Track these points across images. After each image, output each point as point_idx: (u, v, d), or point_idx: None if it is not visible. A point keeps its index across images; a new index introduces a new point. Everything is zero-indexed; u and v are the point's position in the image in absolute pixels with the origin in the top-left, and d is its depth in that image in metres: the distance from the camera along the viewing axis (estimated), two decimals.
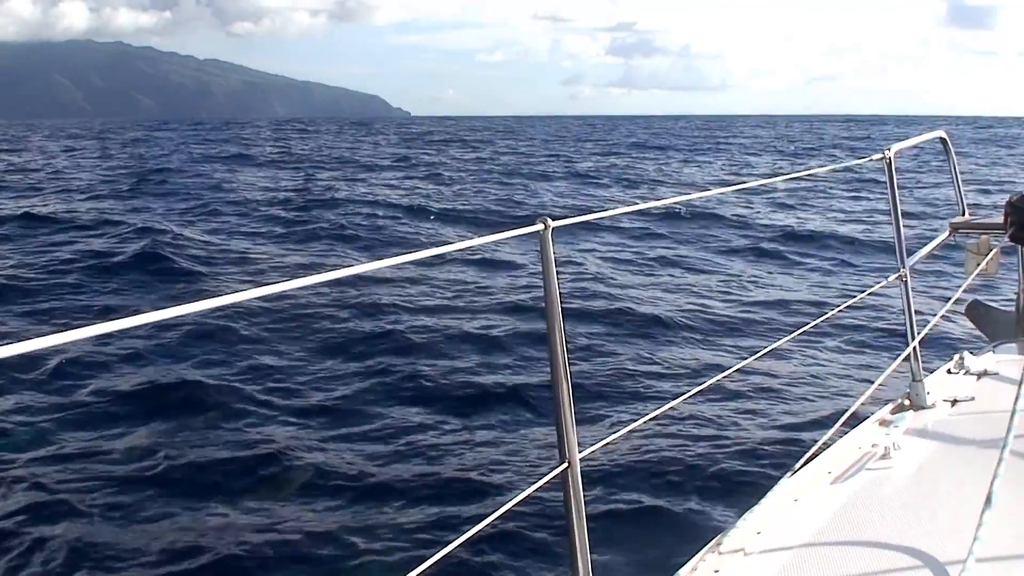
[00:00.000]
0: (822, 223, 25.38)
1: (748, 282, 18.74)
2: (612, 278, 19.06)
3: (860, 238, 22.92)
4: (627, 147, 72.79)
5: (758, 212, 26.79)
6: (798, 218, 26.39)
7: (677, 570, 3.06)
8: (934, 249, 5.76)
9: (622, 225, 23.85)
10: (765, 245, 21.88)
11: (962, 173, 6.38)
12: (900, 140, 4.83)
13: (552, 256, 2.46)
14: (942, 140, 5.78)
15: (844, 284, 18.64)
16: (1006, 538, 2.85)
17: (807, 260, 20.57)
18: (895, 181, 4.63)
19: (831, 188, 34.79)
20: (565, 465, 2.47)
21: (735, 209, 25.84)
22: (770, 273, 19.70)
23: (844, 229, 24.09)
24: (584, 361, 12.72)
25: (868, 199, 31.22)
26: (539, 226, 2.45)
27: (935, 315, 5.37)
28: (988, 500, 2.86)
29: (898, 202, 4.66)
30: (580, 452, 2.51)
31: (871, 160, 4.66)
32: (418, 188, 37.03)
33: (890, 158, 4.57)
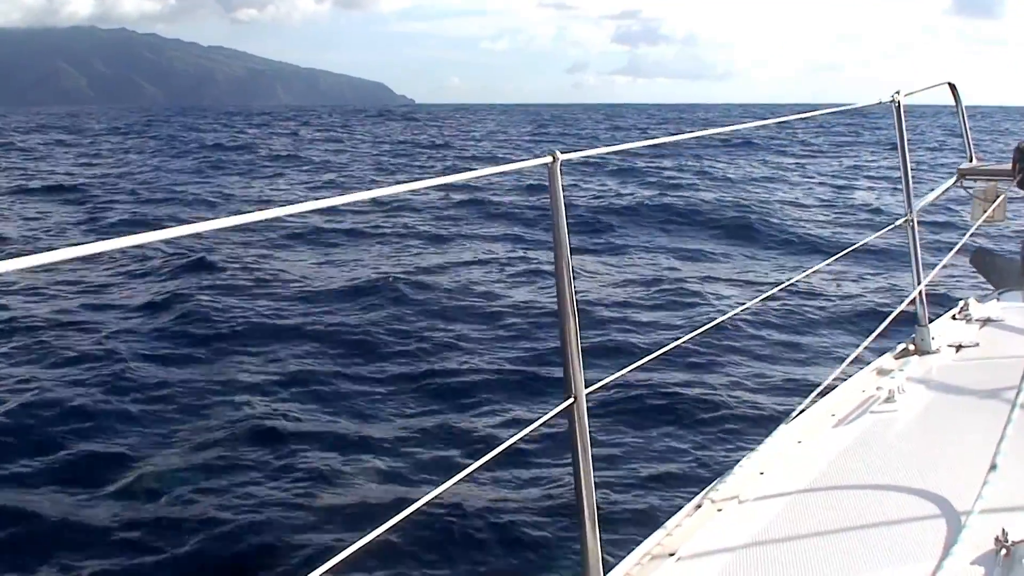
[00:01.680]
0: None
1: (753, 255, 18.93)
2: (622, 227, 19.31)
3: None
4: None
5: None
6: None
7: (680, 508, 3.07)
8: (941, 195, 5.74)
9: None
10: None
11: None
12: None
13: (560, 190, 2.45)
14: (951, 86, 5.79)
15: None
16: (1017, 483, 2.82)
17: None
18: (904, 126, 4.60)
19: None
20: (571, 400, 2.47)
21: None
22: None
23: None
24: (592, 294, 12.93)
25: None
26: (547, 159, 2.43)
27: (941, 261, 5.33)
28: (999, 447, 2.83)
29: (906, 147, 4.64)
30: (586, 388, 2.50)
31: (880, 104, 4.62)
32: None
33: (899, 102, 4.55)
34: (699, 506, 3.06)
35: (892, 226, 4.97)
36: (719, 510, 3.02)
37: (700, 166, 39.44)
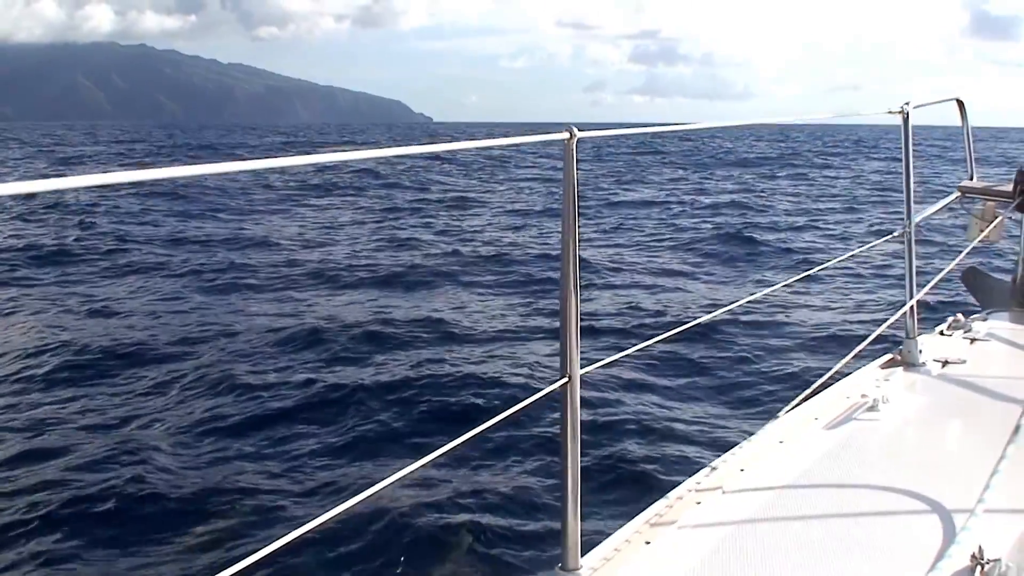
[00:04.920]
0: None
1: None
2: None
3: None
4: None
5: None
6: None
7: (660, 498, 3.10)
8: (940, 210, 5.75)
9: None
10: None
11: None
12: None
13: (574, 168, 2.40)
14: (958, 103, 5.79)
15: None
16: (997, 503, 2.85)
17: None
18: (910, 138, 4.59)
19: None
20: (565, 380, 2.47)
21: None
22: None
23: None
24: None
25: None
26: (564, 135, 2.37)
27: (935, 275, 5.35)
28: (997, 466, 2.90)
29: (911, 159, 4.63)
30: (581, 369, 2.50)
31: (890, 113, 4.58)
32: None
33: (908, 112, 4.54)
34: (680, 497, 3.09)
35: (889, 237, 4.98)
36: (698, 503, 3.06)
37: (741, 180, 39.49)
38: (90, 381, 10.32)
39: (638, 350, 3.36)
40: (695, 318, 3.81)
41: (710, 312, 4.17)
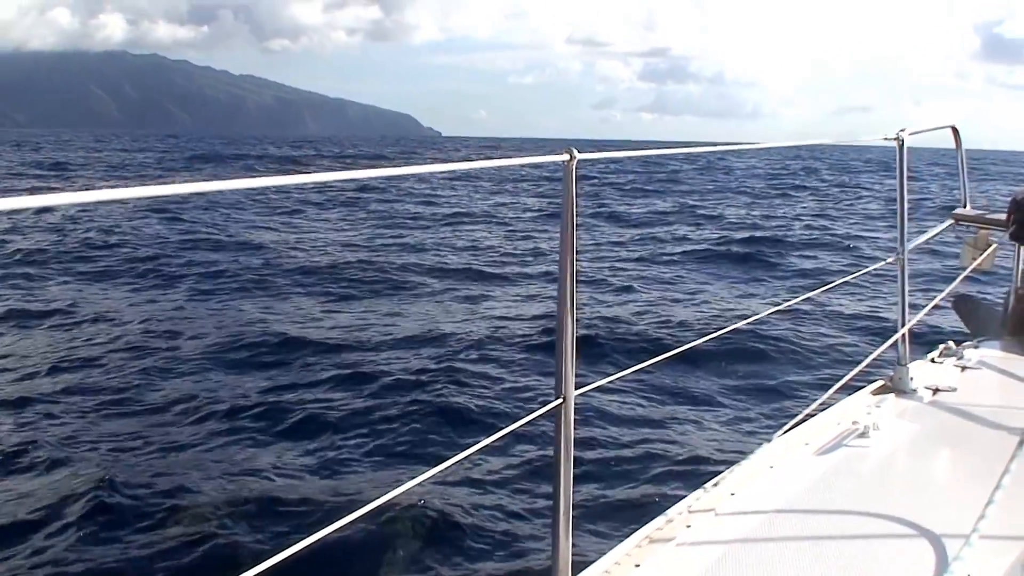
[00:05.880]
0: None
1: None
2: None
3: None
4: None
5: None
6: None
7: (650, 521, 3.12)
8: (934, 237, 5.77)
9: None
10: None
11: None
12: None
13: (574, 189, 2.40)
14: (953, 130, 5.82)
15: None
16: (990, 530, 2.89)
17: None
18: (905, 165, 4.62)
19: None
20: (560, 400, 2.48)
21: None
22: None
23: None
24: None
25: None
26: (564, 156, 2.38)
27: (928, 303, 5.38)
28: (992, 496, 2.96)
29: (905, 186, 4.66)
30: (576, 390, 2.52)
31: (886, 140, 4.60)
32: None
33: (903, 139, 4.56)
34: (670, 520, 3.11)
35: (883, 263, 5.00)
36: (688, 526, 3.07)
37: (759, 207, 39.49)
38: (74, 386, 10.41)
39: (632, 372, 3.37)
40: (690, 342, 3.86)
41: (707, 335, 4.20)
